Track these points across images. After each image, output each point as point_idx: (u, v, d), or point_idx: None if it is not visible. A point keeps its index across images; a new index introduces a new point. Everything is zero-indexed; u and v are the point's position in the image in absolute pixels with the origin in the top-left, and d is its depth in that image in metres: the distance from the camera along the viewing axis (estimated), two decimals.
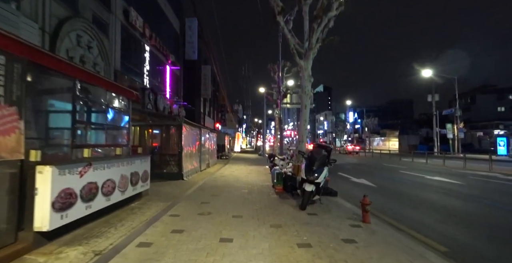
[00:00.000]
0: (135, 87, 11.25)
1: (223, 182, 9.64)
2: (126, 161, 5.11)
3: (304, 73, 8.63)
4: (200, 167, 13.05)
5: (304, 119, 8.70)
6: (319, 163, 5.94)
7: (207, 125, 25.42)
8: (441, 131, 33.89)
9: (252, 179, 10.64)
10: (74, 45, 7.46)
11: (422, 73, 30.03)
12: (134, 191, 5.55)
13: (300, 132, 8.76)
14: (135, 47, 11.85)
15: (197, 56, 19.35)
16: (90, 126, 5.01)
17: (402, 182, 11.03)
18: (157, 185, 8.54)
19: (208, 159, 15.40)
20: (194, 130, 11.83)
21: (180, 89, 19.25)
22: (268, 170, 13.62)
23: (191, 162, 11.24)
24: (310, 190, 5.72)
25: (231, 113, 46.35)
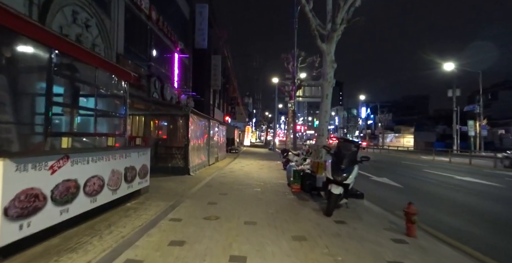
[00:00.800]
0: (140, 73, 10.43)
1: (233, 179, 8.80)
2: (119, 153, 4.28)
3: (326, 58, 7.61)
4: (209, 161, 12.24)
5: (325, 110, 7.71)
6: (348, 160, 4.98)
7: (216, 117, 24.61)
8: (461, 128, 32.20)
9: (265, 176, 9.76)
10: (69, 22, 6.63)
11: (444, 66, 28.35)
12: (130, 189, 4.74)
13: (320, 125, 7.79)
14: (140, 31, 11.00)
15: (207, 44, 18.40)
16: (74, 110, 4.18)
17: (430, 182, 9.96)
18: (160, 180, 7.75)
19: (217, 152, 14.59)
20: (202, 121, 10.98)
21: (189, 79, 18.41)
22: (281, 166, 12.73)
23: (199, 155, 10.42)
24: (338, 193, 4.79)
25: (242, 106, 45.46)
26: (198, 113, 9.95)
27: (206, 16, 18.17)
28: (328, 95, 7.71)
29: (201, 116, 10.67)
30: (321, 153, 7.68)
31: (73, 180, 3.19)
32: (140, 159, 5.07)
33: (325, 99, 7.71)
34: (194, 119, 9.53)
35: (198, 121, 10.24)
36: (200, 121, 10.69)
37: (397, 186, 8.84)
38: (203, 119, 11.07)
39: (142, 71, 10.64)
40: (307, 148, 11.45)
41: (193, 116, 9.42)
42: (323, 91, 7.75)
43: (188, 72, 18.34)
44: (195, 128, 9.85)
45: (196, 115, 9.84)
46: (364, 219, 4.78)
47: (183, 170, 8.88)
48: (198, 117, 10.20)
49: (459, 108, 32.03)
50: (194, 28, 18.16)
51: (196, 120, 9.92)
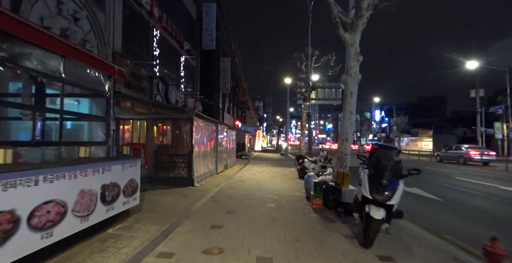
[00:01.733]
0: (140, 74, 9.56)
1: (243, 190, 7.72)
2: (92, 167, 3.27)
3: (349, 49, 6.49)
4: (217, 169, 11.22)
5: (349, 111, 6.58)
6: (391, 173, 3.83)
7: (226, 122, 23.71)
8: (486, 130, 30.18)
9: (278, 186, 8.63)
10: (52, 13, 5.77)
11: (467, 65, 26.63)
12: (111, 212, 3.72)
13: (343, 128, 6.65)
14: (141, 28, 10.16)
15: (215, 45, 17.56)
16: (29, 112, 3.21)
17: (471, 193, 8.61)
18: (159, 194, 6.75)
19: (226, 159, 13.56)
20: (209, 125, 9.98)
21: (196, 82, 17.56)
22: (295, 174, 11.58)
23: (205, 163, 9.40)
24: (380, 218, 3.64)
25: (252, 110, 44.50)
26: (203, 116, 8.97)
27: (213, 16, 17.37)
28: (352, 93, 6.58)
29: (208, 120, 9.68)
30: (346, 161, 6.52)
31: (6, 212, 2.19)
32: (126, 173, 4.07)
33: (349, 98, 6.58)
34: (199, 123, 8.54)
35: (204, 126, 9.25)
36: (207, 126, 9.70)
37: (435, 199, 7.56)
38: (209, 123, 10.07)
39: (143, 72, 9.77)
40: (325, 154, 10.28)
41: (198, 120, 8.43)
42: (347, 88, 6.62)
43: (195, 74, 17.51)
44: (200, 133, 8.85)
45: (201, 119, 8.85)
46: (416, 252, 3.61)
47: (186, 180, 7.86)
48: (204, 121, 9.21)
49: (483, 109, 30.05)
50: (201, 29, 17.37)
51: (202, 124, 8.93)
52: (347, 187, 5.95)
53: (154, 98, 10.27)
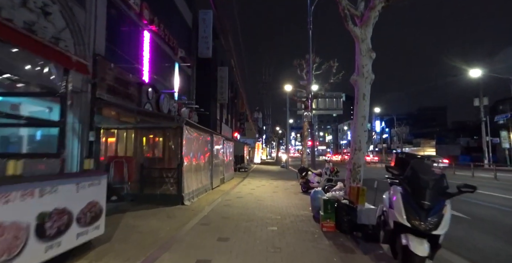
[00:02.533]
0: (127, 80, 8.71)
1: (240, 209, 6.70)
2: (20, 190, 2.31)
3: (360, 46, 5.67)
4: (212, 184, 10.20)
5: (361, 116, 5.68)
6: (434, 192, 2.87)
7: (224, 133, 22.80)
8: (492, 140, 29.33)
9: (281, 203, 7.61)
10: (15, 3, 4.95)
11: (470, 73, 26.08)
12: (53, 251, 2.71)
13: (355, 135, 5.73)
14: (130, 31, 9.40)
15: (211, 53, 16.88)
16: None
17: (499, 208, 7.59)
18: (140, 215, 5.73)
19: (222, 173, 12.55)
20: (202, 136, 9.05)
21: (192, 91, 16.76)
22: (298, 188, 10.56)
23: (198, 178, 8.40)
24: (425, 255, 2.65)
25: (251, 122, 43.69)
26: (196, 125, 8.05)
27: (210, 23, 16.78)
28: (365, 95, 5.70)
29: (201, 130, 8.76)
30: (359, 174, 5.57)
31: None
32: (82, 195, 3.10)
33: (361, 101, 5.69)
34: (190, 133, 7.61)
35: (196, 136, 8.31)
36: (200, 136, 8.76)
37: (461, 217, 6.53)
38: (203, 133, 9.14)
39: (131, 77, 8.92)
40: (331, 166, 9.31)
41: (189, 129, 7.50)
42: (359, 90, 5.75)
43: (191, 83, 16.74)
44: (192, 144, 7.91)
45: (193, 128, 7.93)
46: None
47: (175, 198, 6.85)
48: (197, 130, 8.28)
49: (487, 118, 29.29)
50: (197, 36, 16.73)
51: (194, 134, 8.00)
52: (363, 205, 4.97)
53: (143, 107, 9.39)
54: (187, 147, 7.48)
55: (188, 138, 7.49)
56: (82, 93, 6.77)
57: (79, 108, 6.66)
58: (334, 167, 9.17)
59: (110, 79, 7.79)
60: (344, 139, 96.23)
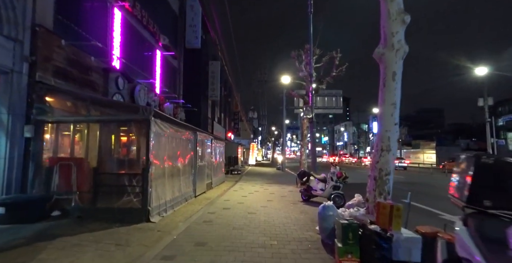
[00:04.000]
0: (88, 64, 7.05)
1: (224, 228, 5.06)
2: None
3: (388, 6, 4.09)
4: (195, 191, 8.55)
5: (391, 103, 4.09)
6: None
7: (216, 133, 21.15)
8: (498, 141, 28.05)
9: (277, 219, 5.97)
10: None
11: (475, 71, 24.80)
12: None
13: (382, 130, 4.13)
14: (94, 6, 7.71)
15: (200, 43, 15.23)
16: None
17: None
18: (76, 244, 4.05)
19: (210, 177, 10.89)
20: (181, 132, 7.40)
21: (178, 86, 15.09)
22: (298, 195, 8.97)
23: (174, 186, 6.74)
24: None
25: (246, 122, 42.05)
26: (171, 119, 6.39)
27: (199, 11, 15.15)
28: (396, 73, 4.11)
29: (179, 125, 7.10)
30: (388, 185, 3.97)
31: None
32: None
33: (390, 82, 4.11)
34: (162, 129, 5.95)
35: (172, 132, 6.65)
36: (178, 133, 7.11)
37: None
38: (183, 129, 7.48)
39: (93, 61, 7.24)
40: (337, 170, 7.71)
41: (161, 124, 5.84)
42: (386, 67, 4.16)
43: (177, 77, 15.06)
44: (165, 142, 6.25)
45: (168, 123, 6.27)
46: None
47: (138, 213, 5.18)
48: (173, 125, 6.62)
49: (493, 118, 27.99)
50: (185, 26, 15.08)
51: (169, 130, 6.33)
52: (399, 231, 3.38)
53: (111, 98, 7.72)
54: (158, 146, 5.82)
55: (159, 135, 5.84)
56: (14, 74, 5.08)
57: (8, 94, 4.98)
58: (342, 172, 7.58)
59: (61, 60, 6.11)
60: (340, 141, 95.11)
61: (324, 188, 7.98)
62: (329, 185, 7.61)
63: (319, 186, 8.07)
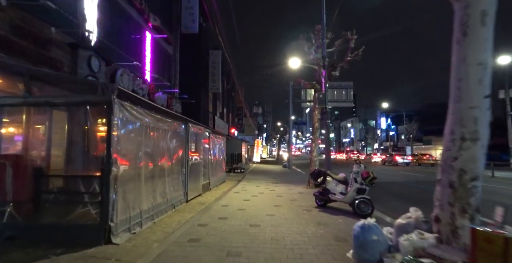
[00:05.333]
0: (46, 35, 5.56)
1: (214, 252, 3.56)
2: None
3: None
4: (186, 194, 7.07)
5: (477, 62, 2.51)
6: None
7: (218, 129, 19.69)
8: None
9: (289, 236, 4.43)
10: None
11: (498, 60, 22.88)
12: None
13: (464, 108, 2.55)
14: None
15: (197, 28, 13.67)
16: None
17: None
18: None
19: (207, 176, 9.42)
20: (164, 122, 5.88)
21: (174, 75, 13.58)
22: (310, 199, 7.44)
23: (154, 191, 5.25)
24: None
25: (250, 118, 40.51)
26: (146, 103, 4.87)
27: None
28: (486, 14, 2.49)
29: (159, 112, 5.57)
30: (475, 196, 2.39)
31: None
32: None
33: (477, 27, 2.50)
34: (133, 115, 4.44)
35: (152, 122, 5.14)
36: (159, 122, 5.59)
37: None
38: (166, 119, 5.97)
39: (53, 32, 5.74)
40: (362, 169, 6.14)
41: (130, 109, 4.33)
42: (470, 5, 2.55)
43: (173, 65, 13.55)
44: (139, 134, 4.74)
45: (142, 109, 4.75)
46: None
47: (94, 232, 3.69)
48: (150, 112, 5.10)
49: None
50: (181, 8, 13.53)
51: (144, 118, 4.82)
52: None
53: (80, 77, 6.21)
54: (128, 139, 4.33)
55: (129, 124, 4.34)
56: None
57: None
58: (369, 171, 6.00)
59: (5, 27, 4.62)
60: (347, 137, 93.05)
61: (344, 191, 6.42)
62: (352, 187, 6.04)
63: (338, 189, 6.51)
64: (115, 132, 3.85)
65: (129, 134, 4.38)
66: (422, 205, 3.83)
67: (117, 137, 3.95)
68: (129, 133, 4.39)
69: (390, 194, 9.40)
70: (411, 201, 8.26)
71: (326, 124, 9.79)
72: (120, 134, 4.01)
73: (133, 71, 9.05)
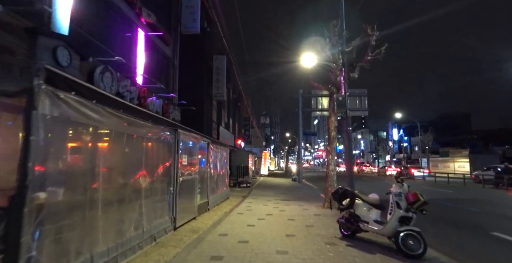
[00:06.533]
0: None
1: None
2: None
3: None
4: (174, 220, 5.54)
5: None
6: None
7: (223, 140, 18.28)
8: None
9: None
10: None
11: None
12: None
13: None
14: None
15: (199, 28, 12.47)
16: None
17: None
18: None
19: (205, 195, 7.90)
20: (140, 127, 4.43)
21: (173, 79, 12.32)
22: (328, 222, 5.82)
23: (122, 221, 3.76)
24: None
25: (257, 129, 39.06)
26: (103, 95, 3.44)
27: None
28: None
29: (130, 111, 4.13)
30: None
31: None
32: None
33: None
34: (81, 112, 3.00)
35: (115, 123, 3.70)
36: (131, 126, 4.14)
37: None
38: (142, 121, 4.52)
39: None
40: (406, 190, 4.53)
41: (70, 101, 2.90)
42: None
43: (171, 68, 12.31)
44: (95, 141, 3.29)
45: (91, 102, 3.32)
46: None
47: None
48: (114, 110, 3.66)
49: None
50: (181, 7, 12.41)
51: (102, 118, 3.38)
52: None
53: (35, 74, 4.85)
54: (66, 147, 2.88)
55: (69, 125, 2.90)
56: None
57: None
58: (417, 193, 4.38)
59: None
60: (357, 149, 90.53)
61: (380, 218, 4.81)
62: (393, 215, 4.43)
63: (371, 215, 4.89)
64: (36, 136, 2.41)
65: (69, 141, 2.95)
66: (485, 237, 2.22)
67: (44, 144, 2.51)
68: (72, 140, 2.96)
69: (431, 218, 7.42)
70: (468, 230, 6.35)
71: (347, 132, 8.23)
72: (48, 140, 2.57)
73: (121, 71, 7.75)
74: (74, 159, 3.00)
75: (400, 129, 65.47)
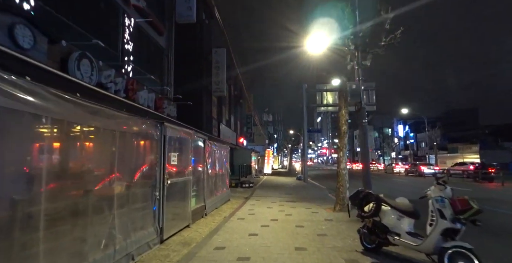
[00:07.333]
0: None
1: None
2: None
3: None
4: (161, 231, 4.60)
5: None
6: None
7: (224, 138, 17.38)
8: None
9: None
10: None
11: None
12: None
13: None
14: None
15: (195, 17, 11.52)
16: None
17: None
18: None
19: (201, 199, 6.97)
20: (108, 119, 3.49)
21: (167, 72, 11.40)
22: (342, 229, 4.88)
23: (77, 243, 2.81)
24: None
25: (260, 126, 38.11)
26: (42, 69, 2.50)
27: None
28: None
29: (93, 97, 3.19)
30: None
31: None
32: None
33: None
34: (6, 94, 2.06)
35: (68, 112, 2.77)
36: (95, 116, 3.21)
37: None
38: (108, 109, 3.58)
39: None
40: (450, 194, 3.56)
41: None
42: None
43: (165, 60, 11.38)
44: (32, 137, 2.36)
45: (23, 78, 2.38)
46: None
47: None
48: (60, 92, 2.72)
49: None
50: None
51: (49, 104, 2.45)
52: None
53: None
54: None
55: None
56: None
57: None
58: (467, 199, 3.41)
59: None
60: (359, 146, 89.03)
61: (413, 231, 3.84)
62: (435, 227, 3.46)
63: (404, 226, 3.92)
64: None
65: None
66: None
67: None
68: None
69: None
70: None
71: (362, 125, 7.25)
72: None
73: (105, 59, 6.83)
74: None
75: (406, 126, 64.15)
